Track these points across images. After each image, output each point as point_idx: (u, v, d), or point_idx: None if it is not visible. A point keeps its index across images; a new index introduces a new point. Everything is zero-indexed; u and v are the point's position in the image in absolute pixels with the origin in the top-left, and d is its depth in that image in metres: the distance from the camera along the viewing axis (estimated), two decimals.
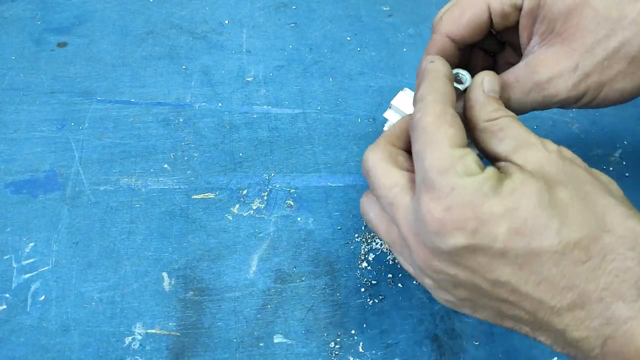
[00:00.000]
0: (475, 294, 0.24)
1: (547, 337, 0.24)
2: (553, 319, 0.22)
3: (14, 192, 0.41)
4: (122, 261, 0.38)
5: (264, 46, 0.52)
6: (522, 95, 0.29)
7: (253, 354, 0.34)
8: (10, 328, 0.35)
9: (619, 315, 0.21)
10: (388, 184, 0.26)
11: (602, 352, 0.22)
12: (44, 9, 0.54)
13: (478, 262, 0.23)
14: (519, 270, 0.22)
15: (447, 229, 0.23)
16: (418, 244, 0.25)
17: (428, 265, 0.25)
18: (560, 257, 0.22)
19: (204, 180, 0.42)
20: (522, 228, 0.22)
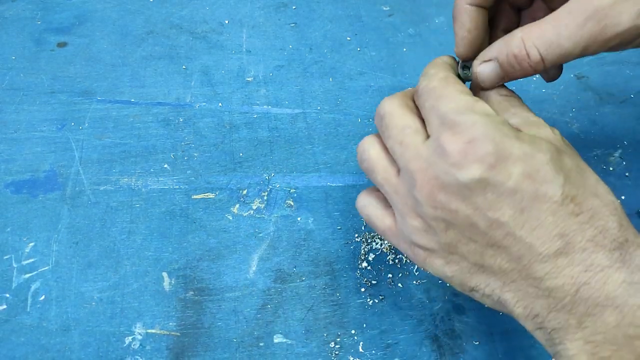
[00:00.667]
0: (463, 238, 0.25)
1: (515, 293, 0.25)
2: (535, 266, 0.24)
3: (14, 192, 0.41)
4: (122, 261, 0.38)
5: (264, 46, 0.52)
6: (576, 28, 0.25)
7: (253, 354, 0.34)
8: (10, 328, 0.35)
9: (597, 263, 0.23)
10: (401, 125, 0.27)
11: (573, 299, 0.23)
12: (44, 9, 0.54)
13: (485, 197, 0.24)
14: (520, 214, 0.24)
15: (467, 161, 0.24)
16: (426, 179, 0.25)
17: (431, 199, 0.25)
18: (558, 207, 0.24)
19: (204, 180, 0.42)
20: (534, 174, 0.24)
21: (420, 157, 0.26)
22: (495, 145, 0.24)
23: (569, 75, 0.52)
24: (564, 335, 0.24)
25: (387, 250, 0.39)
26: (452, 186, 0.25)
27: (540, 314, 0.24)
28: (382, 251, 0.39)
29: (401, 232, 0.28)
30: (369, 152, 0.29)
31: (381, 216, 0.30)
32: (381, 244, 0.39)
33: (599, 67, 0.52)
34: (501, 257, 0.25)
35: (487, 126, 0.24)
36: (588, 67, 0.52)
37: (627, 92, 0.51)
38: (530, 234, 0.24)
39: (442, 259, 0.27)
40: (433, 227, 0.26)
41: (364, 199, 0.31)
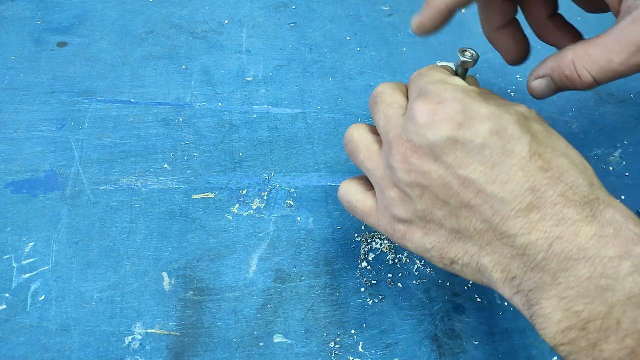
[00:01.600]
0: (437, 201, 0.26)
1: (492, 257, 0.25)
2: (508, 223, 0.24)
3: (14, 192, 0.41)
4: (122, 261, 0.38)
5: (264, 46, 0.52)
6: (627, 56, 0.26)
7: (253, 354, 0.34)
8: (10, 328, 0.35)
9: (569, 217, 0.23)
10: (389, 101, 0.29)
11: (547, 255, 0.23)
12: (44, 9, 0.54)
13: (456, 155, 0.25)
14: (490, 170, 0.25)
15: (436, 120, 0.25)
16: (400, 143, 0.27)
17: (405, 163, 0.27)
18: (527, 162, 0.24)
19: (204, 180, 0.42)
20: (501, 132, 0.25)
21: (398, 125, 0.27)
22: (463, 106, 0.25)
23: None
24: (540, 295, 0.24)
25: (387, 250, 0.39)
26: (424, 147, 0.26)
27: (518, 276, 0.25)
28: (382, 251, 0.39)
29: (381, 210, 0.29)
30: (352, 135, 0.31)
31: (362, 199, 0.31)
32: (381, 244, 0.39)
33: None
34: (475, 218, 0.25)
35: (456, 91, 0.26)
36: None
37: (627, 92, 0.51)
38: (501, 189, 0.24)
39: (421, 229, 0.28)
40: (409, 194, 0.27)
41: (344, 186, 0.32)
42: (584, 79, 0.28)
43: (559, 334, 0.23)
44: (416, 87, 0.29)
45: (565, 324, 0.23)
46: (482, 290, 0.38)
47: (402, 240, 0.29)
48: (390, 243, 0.39)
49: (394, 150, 0.27)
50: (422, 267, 0.39)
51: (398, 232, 0.29)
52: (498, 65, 0.52)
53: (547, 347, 0.36)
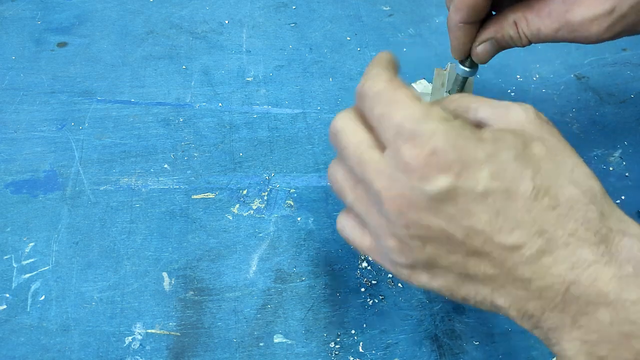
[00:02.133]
0: (442, 252, 0.24)
1: (506, 298, 0.24)
2: (520, 268, 0.23)
3: (14, 192, 0.41)
4: (122, 261, 0.38)
5: (264, 46, 0.52)
6: (551, 31, 0.29)
7: (253, 354, 0.34)
8: (10, 328, 0.35)
9: (583, 259, 0.22)
10: (356, 141, 0.26)
11: (564, 298, 0.22)
12: (44, 9, 0.54)
13: (458, 207, 0.23)
14: (495, 217, 0.23)
15: (432, 173, 0.23)
16: (393, 197, 0.24)
17: (402, 218, 0.24)
18: (532, 202, 0.23)
19: (204, 180, 0.42)
20: (501, 174, 0.23)
21: (382, 174, 0.25)
22: (458, 153, 0.23)
23: (569, 75, 0.52)
24: (560, 335, 0.23)
25: None
26: (421, 202, 0.23)
27: (535, 315, 0.24)
28: None
29: (381, 254, 0.28)
30: (335, 177, 0.28)
31: (360, 236, 0.29)
32: None
33: (600, 67, 0.52)
34: (484, 264, 0.24)
35: (447, 134, 0.23)
36: (588, 67, 0.52)
37: (628, 93, 0.51)
38: (509, 237, 0.23)
39: (426, 273, 0.26)
40: (409, 245, 0.25)
41: (341, 220, 0.30)
42: (523, 40, 0.31)
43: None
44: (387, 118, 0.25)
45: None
46: None
47: (407, 280, 0.27)
48: None
49: (386, 203, 0.24)
50: None
51: (402, 274, 0.27)
52: (498, 65, 0.52)
53: (547, 349, 0.35)
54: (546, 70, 0.52)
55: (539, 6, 0.30)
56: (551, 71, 0.52)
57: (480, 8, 0.31)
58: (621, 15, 0.28)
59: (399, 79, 0.27)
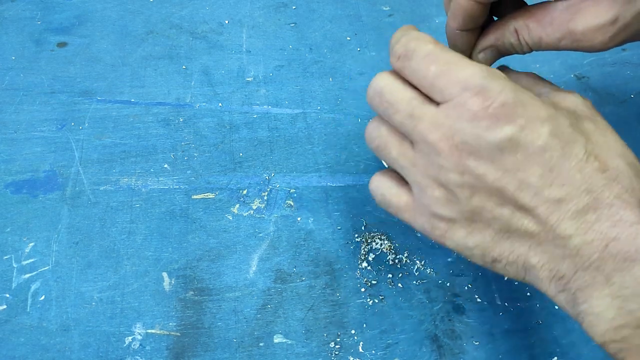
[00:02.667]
0: (489, 203, 0.26)
1: (541, 256, 0.25)
2: (564, 224, 0.24)
3: (14, 192, 0.41)
4: (122, 261, 0.38)
5: (264, 46, 0.52)
6: (554, 40, 0.29)
7: (253, 354, 0.34)
8: (10, 328, 0.35)
9: (626, 219, 0.23)
10: (407, 97, 0.27)
11: (601, 256, 0.24)
12: (44, 9, 0.54)
13: (516, 158, 0.25)
14: (548, 172, 0.24)
15: (500, 122, 0.25)
16: (453, 146, 0.26)
17: (459, 166, 0.26)
18: (584, 164, 0.24)
19: (204, 180, 0.42)
20: (559, 134, 0.25)
21: (441, 125, 0.26)
22: (524, 108, 0.25)
23: (569, 75, 0.52)
24: (590, 293, 0.24)
25: (387, 250, 0.39)
26: (484, 150, 0.25)
27: (566, 275, 0.25)
28: (382, 251, 0.39)
29: (419, 207, 0.28)
30: (379, 129, 0.29)
31: (397, 194, 0.30)
32: (381, 244, 0.39)
33: (599, 67, 0.52)
34: (528, 220, 0.25)
35: (515, 91, 0.25)
36: (588, 68, 0.52)
37: (628, 93, 0.51)
38: (558, 191, 0.24)
39: (464, 229, 0.27)
40: (457, 194, 0.26)
41: (376, 179, 0.31)
42: (524, 47, 0.31)
43: (611, 331, 0.24)
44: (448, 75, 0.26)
45: (617, 321, 0.23)
46: (482, 291, 0.38)
47: (440, 238, 0.28)
48: (390, 243, 0.39)
49: (445, 151, 0.26)
50: (422, 267, 0.39)
51: (437, 229, 0.28)
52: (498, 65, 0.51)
53: (548, 348, 0.36)
54: (546, 70, 0.52)
55: (540, 14, 0.29)
56: (551, 71, 0.52)
57: (477, 16, 0.30)
58: (625, 25, 0.28)
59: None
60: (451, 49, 0.32)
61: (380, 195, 0.31)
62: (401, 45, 0.28)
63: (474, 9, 0.29)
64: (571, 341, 0.36)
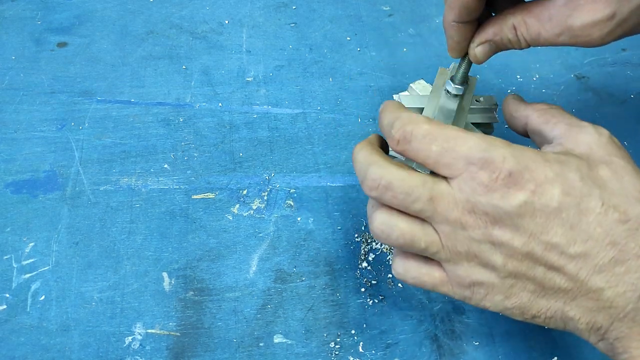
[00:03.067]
0: (522, 266, 0.26)
1: (577, 310, 0.26)
2: (593, 278, 0.25)
3: (14, 192, 0.41)
4: (122, 261, 0.38)
5: (264, 46, 0.52)
6: (552, 36, 0.29)
7: (253, 354, 0.34)
8: (10, 328, 0.35)
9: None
10: (420, 182, 0.27)
11: (636, 306, 0.24)
12: (44, 9, 0.54)
13: (536, 222, 0.25)
14: (570, 230, 0.25)
15: (511, 191, 0.25)
16: (476, 218, 0.26)
17: (487, 237, 0.26)
18: (603, 217, 0.25)
19: (204, 180, 0.42)
20: (571, 191, 0.25)
21: (459, 201, 0.26)
22: (531, 173, 0.25)
23: (569, 75, 0.52)
24: (628, 344, 0.25)
25: (387, 250, 0.39)
26: (505, 219, 0.26)
27: (603, 326, 0.25)
28: (382, 251, 0.39)
29: (456, 279, 0.29)
30: (397, 226, 0.28)
31: (428, 273, 0.30)
32: (381, 244, 0.39)
33: (599, 67, 0.52)
34: (559, 278, 0.26)
35: (517, 157, 0.26)
36: (588, 68, 0.52)
37: (627, 93, 0.51)
38: (583, 247, 0.25)
39: (502, 293, 0.28)
40: (492, 262, 0.27)
41: (401, 265, 0.31)
42: (522, 43, 0.31)
43: None
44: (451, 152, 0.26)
45: None
46: None
47: (481, 302, 0.29)
48: None
49: (470, 225, 0.26)
50: None
51: (477, 294, 0.28)
52: (498, 65, 0.52)
53: (547, 349, 0.36)
54: (546, 70, 0.52)
55: (538, 10, 0.30)
56: (551, 71, 0.52)
57: (473, 8, 0.30)
58: (622, 20, 0.28)
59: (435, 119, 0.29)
60: (448, 40, 0.33)
61: (412, 278, 0.30)
62: (397, 131, 0.28)
63: (470, 1, 0.30)
64: (571, 342, 0.36)
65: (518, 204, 0.25)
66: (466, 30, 0.32)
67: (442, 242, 0.28)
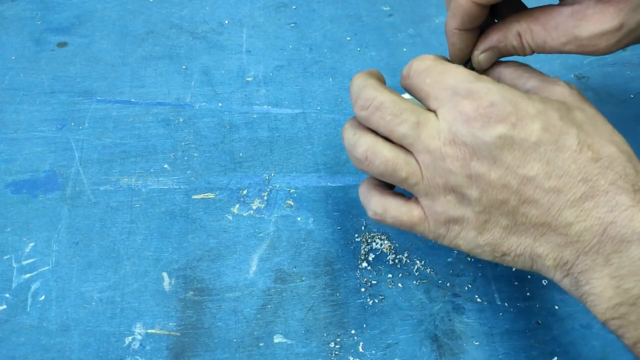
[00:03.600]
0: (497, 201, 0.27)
1: (546, 246, 0.27)
2: (564, 213, 0.26)
3: (14, 192, 0.41)
4: (122, 261, 0.38)
5: (264, 46, 0.52)
6: (558, 45, 0.29)
7: (253, 354, 0.34)
8: (10, 328, 0.35)
9: (621, 203, 0.25)
10: (410, 107, 0.28)
11: (600, 239, 0.25)
12: (44, 9, 0.54)
13: (514, 155, 0.26)
14: (546, 165, 0.26)
15: (492, 121, 0.26)
16: (456, 149, 0.27)
17: (464, 169, 0.27)
18: (578, 155, 0.26)
19: (204, 180, 0.42)
20: (550, 128, 0.26)
21: (441, 131, 0.27)
22: (513, 106, 0.26)
23: (569, 75, 0.52)
24: (590, 275, 0.26)
25: (387, 250, 0.39)
26: (483, 150, 0.26)
27: (569, 260, 0.26)
28: (382, 251, 0.39)
29: (432, 216, 0.29)
30: (382, 152, 0.28)
31: (407, 211, 0.30)
32: (381, 244, 0.39)
33: (599, 67, 0.52)
34: (532, 213, 0.27)
35: (501, 90, 0.26)
36: (588, 68, 0.52)
37: (627, 93, 0.51)
38: (557, 182, 0.26)
39: (475, 229, 0.28)
40: (467, 196, 0.27)
41: (380, 204, 0.31)
42: (527, 50, 0.31)
43: (610, 309, 0.25)
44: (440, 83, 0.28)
45: (616, 300, 0.25)
46: (482, 291, 0.38)
47: (454, 240, 0.29)
48: (390, 243, 0.39)
49: (449, 156, 0.27)
50: (422, 267, 0.39)
51: (452, 231, 0.29)
52: None
53: (547, 348, 0.36)
54: (546, 70, 0.52)
55: (544, 18, 0.30)
56: (551, 71, 0.52)
57: (476, 16, 0.30)
58: (630, 30, 0.28)
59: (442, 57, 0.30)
60: (449, 47, 0.33)
61: (391, 218, 0.31)
62: (406, 67, 0.30)
63: (473, 9, 0.30)
64: (571, 341, 0.36)
65: (497, 135, 0.26)
66: (469, 38, 0.32)
67: (422, 173, 0.28)
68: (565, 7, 0.29)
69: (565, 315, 0.37)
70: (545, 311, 0.37)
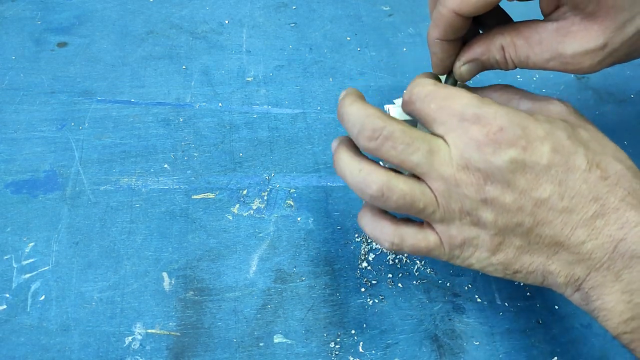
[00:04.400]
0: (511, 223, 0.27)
1: (558, 264, 0.27)
2: (577, 232, 0.26)
3: (14, 192, 0.41)
4: (122, 261, 0.38)
5: (264, 46, 0.52)
6: (541, 61, 0.29)
7: (253, 354, 0.34)
8: (10, 328, 0.35)
9: (631, 220, 0.25)
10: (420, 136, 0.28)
11: (611, 256, 0.25)
12: (44, 9, 0.54)
13: (526, 179, 0.26)
14: (558, 187, 0.26)
15: (503, 146, 0.26)
16: (469, 175, 0.27)
17: (479, 194, 0.27)
18: (588, 174, 0.26)
19: (204, 180, 0.42)
20: (560, 149, 0.26)
21: (454, 158, 0.27)
22: (522, 129, 0.26)
23: (569, 75, 0.52)
24: (601, 291, 0.26)
25: (387, 250, 0.39)
26: (496, 174, 0.26)
27: (581, 277, 0.27)
28: (382, 251, 0.39)
29: (448, 239, 0.29)
30: (398, 187, 0.28)
31: (424, 238, 0.30)
32: None
33: None
34: (545, 233, 0.27)
35: (508, 114, 0.26)
36: None
37: (627, 92, 0.51)
38: (569, 203, 0.26)
39: (489, 250, 0.28)
40: (483, 219, 0.28)
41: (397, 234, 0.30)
42: (509, 64, 0.30)
43: (622, 324, 0.26)
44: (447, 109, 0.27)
45: (627, 314, 0.25)
46: (482, 291, 0.38)
47: (467, 260, 0.29)
48: None
49: (463, 182, 0.27)
50: (422, 267, 0.39)
51: (466, 252, 0.29)
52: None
53: (548, 348, 0.36)
54: (547, 71, 0.52)
55: (528, 33, 0.29)
56: (551, 71, 0.52)
57: (458, 27, 0.29)
58: (613, 49, 0.28)
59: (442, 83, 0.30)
60: (431, 57, 0.32)
61: (409, 246, 0.30)
62: (406, 93, 0.30)
63: (456, 20, 0.29)
64: (571, 340, 0.36)
65: (509, 160, 0.26)
66: (450, 48, 0.31)
67: (437, 200, 0.28)
68: (550, 23, 0.29)
69: (566, 314, 0.37)
70: (546, 310, 0.37)
